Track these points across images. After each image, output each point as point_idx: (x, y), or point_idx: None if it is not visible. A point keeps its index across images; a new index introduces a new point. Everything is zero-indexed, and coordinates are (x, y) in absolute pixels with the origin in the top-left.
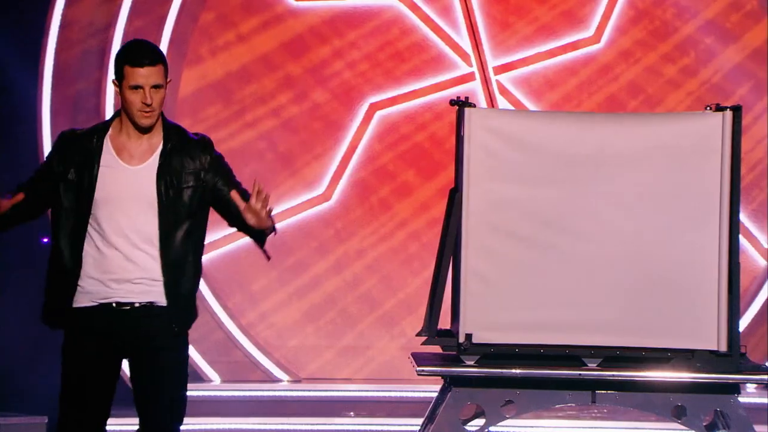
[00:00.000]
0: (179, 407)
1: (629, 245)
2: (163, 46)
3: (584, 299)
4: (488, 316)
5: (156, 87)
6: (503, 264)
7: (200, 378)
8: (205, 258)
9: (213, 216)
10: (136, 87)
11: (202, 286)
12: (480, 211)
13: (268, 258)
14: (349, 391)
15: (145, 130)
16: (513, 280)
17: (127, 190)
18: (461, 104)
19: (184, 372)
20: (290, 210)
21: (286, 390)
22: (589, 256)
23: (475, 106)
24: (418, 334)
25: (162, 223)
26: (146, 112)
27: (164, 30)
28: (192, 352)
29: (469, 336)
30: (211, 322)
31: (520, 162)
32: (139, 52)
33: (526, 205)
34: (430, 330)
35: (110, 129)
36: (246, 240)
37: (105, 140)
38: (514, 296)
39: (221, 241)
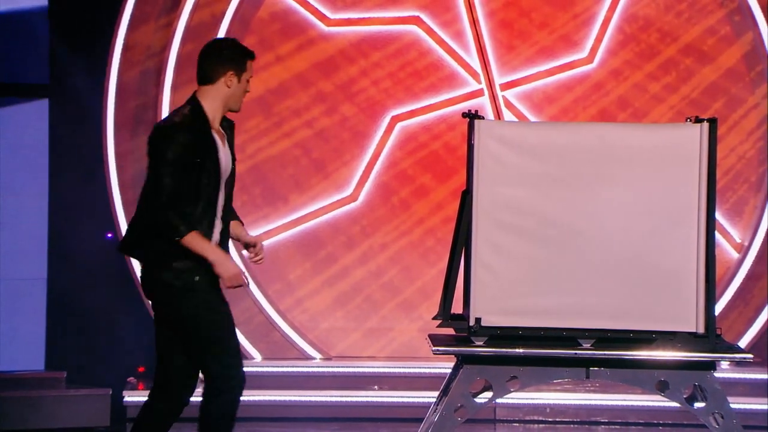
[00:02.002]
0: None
1: (619, 240)
2: None
3: (579, 288)
4: (495, 303)
5: None
6: (508, 257)
7: (244, 356)
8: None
9: (254, 212)
10: (250, 78)
11: (245, 274)
12: (488, 210)
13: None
14: (374, 367)
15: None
16: (517, 270)
17: (227, 168)
18: (472, 116)
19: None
20: (322, 209)
21: (319, 366)
22: (584, 249)
23: (483, 118)
24: (434, 318)
25: (228, 195)
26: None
27: None
28: (237, 333)
29: (478, 320)
30: (253, 308)
31: (523, 167)
32: (250, 49)
33: (528, 204)
34: (445, 314)
35: (207, 117)
36: (284, 235)
37: (209, 127)
38: (518, 285)
39: (263, 236)
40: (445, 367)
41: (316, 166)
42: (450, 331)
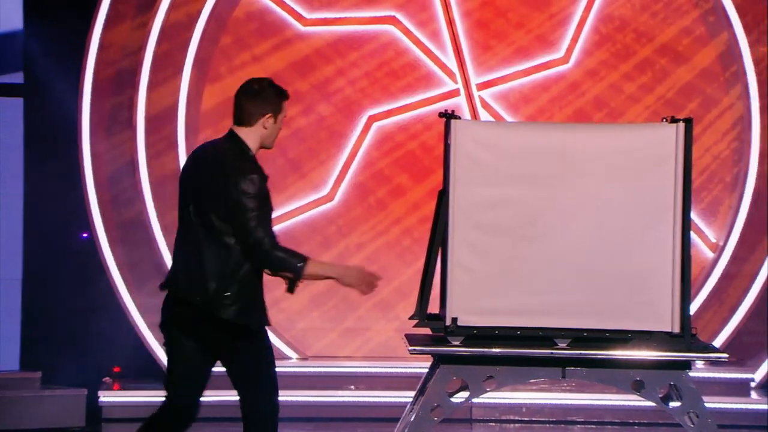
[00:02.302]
0: None
1: (596, 239)
2: (187, 67)
3: (555, 287)
4: (472, 302)
5: None
6: (485, 256)
7: None
8: None
9: None
10: (284, 117)
11: None
12: (464, 210)
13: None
14: (350, 367)
15: None
16: (493, 270)
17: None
18: (448, 116)
19: None
20: (298, 209)
21: (295, 366)
22: (560, 249)
23: (460, 118)
24: (411, 318)
25: None
26: None
27: (188, 52)
28: None
29: (455, 319)
30: None
31: (499, 166)
32: (285, 89)
33: (504, 204)
34: (421, 314)
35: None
36: None
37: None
38: (494, 285)
39: None
40: (421, 366)
41: (292, 165)
42: (427, 330)
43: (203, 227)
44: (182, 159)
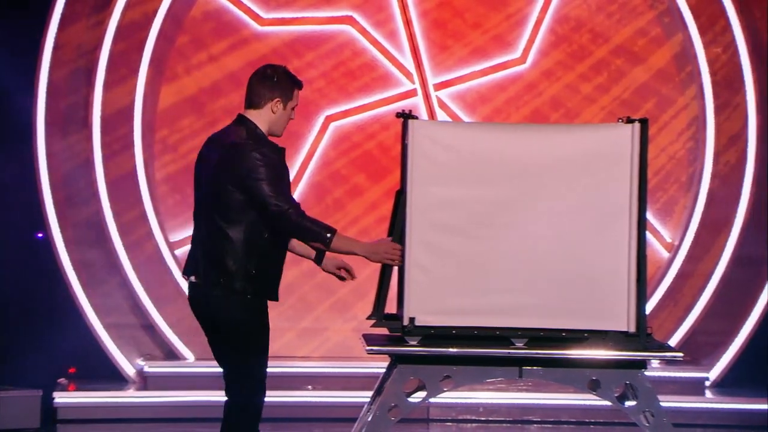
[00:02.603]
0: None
1: (552, 239)
2: (144, 66)
3: (512, 287)
4: (429, 302)
5: None
6: (442, 256)
7: (177, 356)
8: (181, 251)
9: (187, 212)
10: (295, 107)
11: (178, 275)
12: (422, 210)
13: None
14: (308, 367)
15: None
16: (450, 270)
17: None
18: (406, 116)
19: None
20: None
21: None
22: (517, 249)
23: (417, 118)
24: (369, 318)
25: None
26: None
27: (144, 52)
28: (169, 333)
29: (412, 319)
30: (186, 308)
31: (457, 167)
32: (296, 76)
33: (461, 204)
34: (379, 314)
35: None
36: None
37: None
38: (452, 285)
39: None
40: (379, 366)
41: None
42: (384, 330)
43: (216, 211)
44: (138, 158)
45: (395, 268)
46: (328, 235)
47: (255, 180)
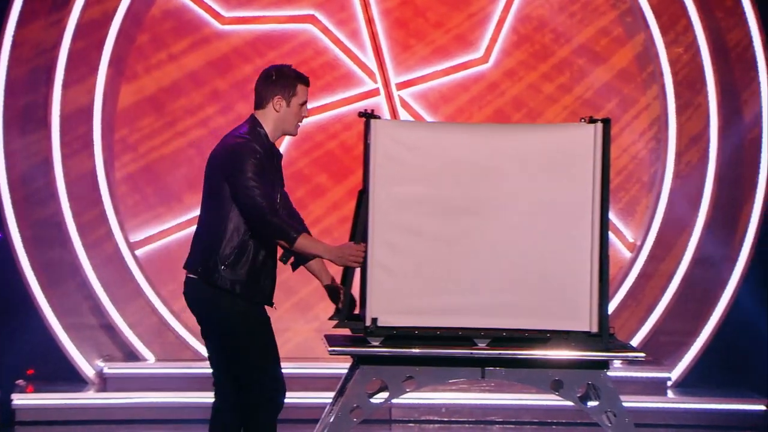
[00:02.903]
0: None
1: (514, 239)
2: (103, 65)
3: (475, 287)
4: (392, 303)
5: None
6: (404, 257)
7: (137, 357)
8: (141, 251)
9: (147, 212)
10: (305, 103)
11: (138, 275)
12: (384, 210)
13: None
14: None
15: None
16: (413, 270)
17: (284, 194)
18: (368, 116)
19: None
20: None
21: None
22: (479, 249)
23: (380, 117)
24: (331, 318)
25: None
26: (300, 124)
27: (104, 50)
28: (129, 334)
29: (374, 320)
30: (147, 308)
31: (419, 166)
32: (303, 74)
33: (424, 204)
34: (342, 314)
35: (269, 138)
36: (178, 235)
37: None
38: (414, 285)
39: (156, 236)
40: (341, 367)
41: None
42: (346, 331)
43: (208, 204)
44: (98, 157)
45: (357, 269)
46: (294, 234)
47: (239, 171)
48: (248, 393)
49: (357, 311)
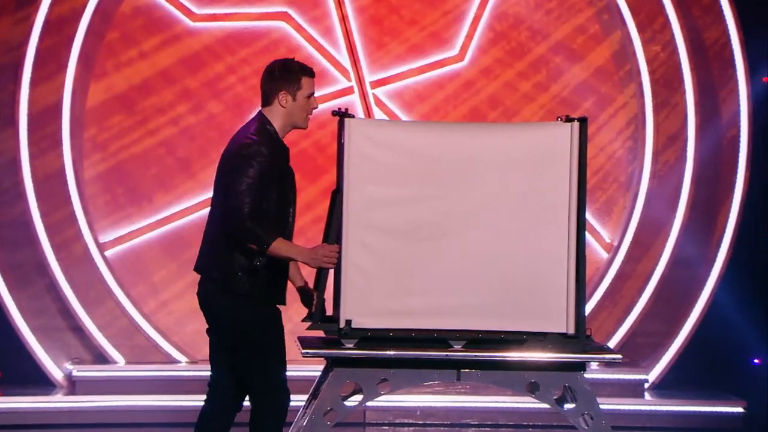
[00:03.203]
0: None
1: (491, 240)
2: (72, 62)
3: (450, 288)
4: (366, 304)
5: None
6: (379, 257)
7: (106, 360)
8: (111, 252)
9: (117, 212)
10: (311, 95)
11: (108, 277)
12: (358, 210)
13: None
14: None
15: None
16: (387, 271)
17: (294, 186)
18: (342, 115)
19: None
20: (188, 209)
21: (185, 370)
22: (455, 249)
23: (354, 116)
24: (304, 320)
25: (294, 214)
26: (310, 116)
27: (73, 48)
28: (99, 336)
29: (349, 321)
30: (116, 310)
31: (394, 166)
32: (306, 65)
33: (399, 204)
34: (316, 316)
35: (278, 135)
36: (148, 236)
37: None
38: (389, 286)
39: (126, 237)
40: (314, 370)
41: (182, 165)
42: (320, 333)
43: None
44: (66, 156)
45: (332, 269)
46: (269, 240)
47: (238, 173)
48: (259, 397)
49: (330, 313)
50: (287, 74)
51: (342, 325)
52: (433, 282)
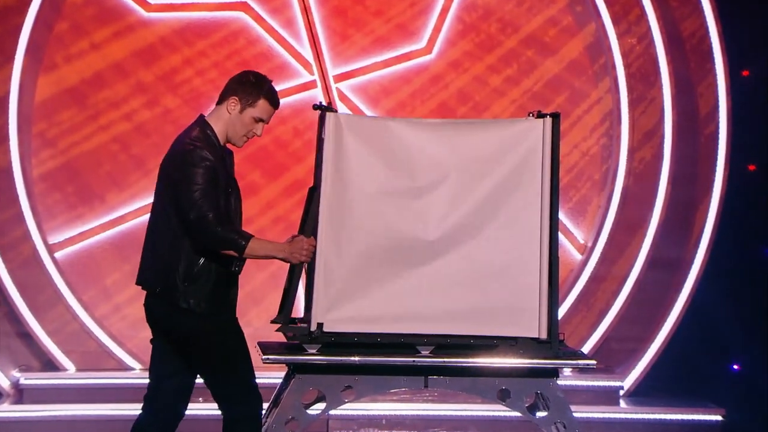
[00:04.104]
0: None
1: (460, 242)
2: (20, 54)
3: (418, 291)
4: (335, 307)
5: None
6: (350, 259)
7: (56, 367)
8: (61, 254)
9: (67, 212)
10: (260, 120)
11: (58, 279)
12: (335, 208)
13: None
14: (199, 378)
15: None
16: (358, 274)
17: (239, 197)
18: (324, 109)
19: None
20: (142, 209)
21: (138, 378)
22: (424, 252)
23: (336, 110)
24: (273, 321)
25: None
26: (247, 141)
27: (20, 38)
28: (48, 342)
29: (320, 325)
30: (66, 314)
31: (374, 163)
32: (276, 94)
33: (375, 201)
34: (285, 318)
35: (219, 140)
36: (100, 236)
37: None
38: (354, 289)
39: (77, 238)
40: (275, 377)
41: (136, 162)
42: (280, 337)
43: (165, 216)
44: (14, 153)
45: (304, 266)
46: (243, 242)
47: (186, 181)
48: (230, 407)
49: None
50: (250, 86)
51: (313, 328)
52: (402, 285)
